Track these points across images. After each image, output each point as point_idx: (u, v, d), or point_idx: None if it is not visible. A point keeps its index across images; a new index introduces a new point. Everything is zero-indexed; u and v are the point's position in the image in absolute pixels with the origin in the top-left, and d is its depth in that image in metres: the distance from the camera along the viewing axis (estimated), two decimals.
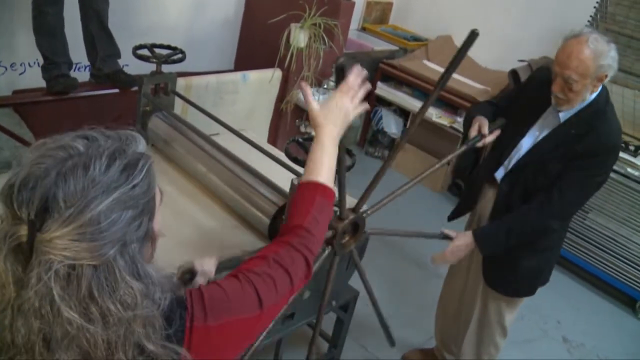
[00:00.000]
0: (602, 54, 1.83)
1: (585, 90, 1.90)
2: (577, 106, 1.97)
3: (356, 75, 1.29)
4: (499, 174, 2.18)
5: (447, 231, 2.15)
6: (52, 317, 0.75)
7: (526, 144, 2.10)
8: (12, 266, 0.76)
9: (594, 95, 1.96)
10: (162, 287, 0.85)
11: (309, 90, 1.30)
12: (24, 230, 0.75)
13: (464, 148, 2.11)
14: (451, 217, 2.50)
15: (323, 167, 1.20)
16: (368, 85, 1.32)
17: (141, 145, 0.87)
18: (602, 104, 1.97)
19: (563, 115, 2.00)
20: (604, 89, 1.98)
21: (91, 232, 0.75)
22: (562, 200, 1.99)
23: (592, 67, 1.84)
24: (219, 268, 1.42)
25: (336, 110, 1.26)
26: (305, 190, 1.18)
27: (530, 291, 2.29)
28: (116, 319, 0.78)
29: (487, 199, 2.27)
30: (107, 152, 0.80)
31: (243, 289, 0.97)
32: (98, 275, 0.77)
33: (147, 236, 0.85)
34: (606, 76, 1.89)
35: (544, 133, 2.06)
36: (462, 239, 2.11)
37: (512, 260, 2.18)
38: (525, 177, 2.07)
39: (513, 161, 2.13)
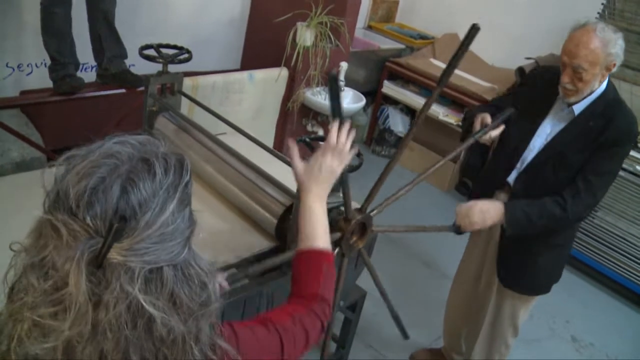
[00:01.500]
0: (610, 42, 1.84)
1: (594, 80, 1.91)
2: (589, 98, 1.97)
3: (338, 132, 1.28)
4: (512, 178, 2.16)
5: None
6: (133, 327, 0.75)
7: (538, 142, 2.09)
8: (90, 284, 0.73)
9: (603, 86, 1.96)
10: (214, 277, 0.87)
11: (295, 151, 1.30)
12: (98, 244, 0.73)
13: (470, 141, 2.07)
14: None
15: (318, 231, 1.24)
16: (353, 134, 1.31)
17: (166, 146, 0.88)
18: (614, 94, 1.98)
19: (577, 108, 1.99)
20: (610, 80, 1.98)
21: (169, 232, 0.77)
22: (590, 191, 1.97)
23: (601, 55, 1.84)
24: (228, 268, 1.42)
25: (320, 172, 1.27)
26: (310, 259, 1.22)
27: (547, 288, 2.28)
28: (196, 316, 0.80)
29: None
30: (160, 154, 0.81)
31: (270, 336, 1.05)
32: (178, 274, 0.79)
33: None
34: (614, 65, 1.89)
35: (558, 128, 2.05)
36: (493, 203, 2.03)
37: (529, 259, 2.18)
38: (544, 174, 2.05)
39: (526, 162, 2.11)
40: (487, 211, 2.01)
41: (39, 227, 0.76)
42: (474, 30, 1.40)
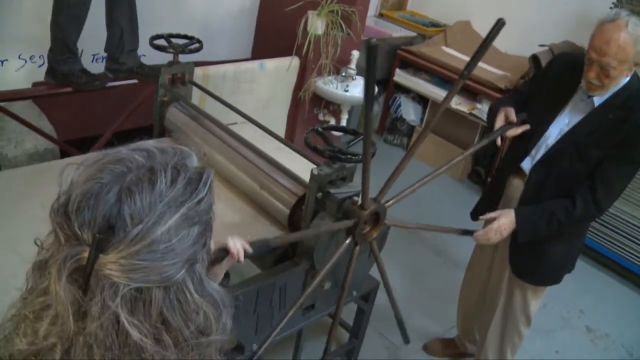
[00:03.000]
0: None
1: (621, 76, 1.87)
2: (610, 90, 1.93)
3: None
4: (526, 164, 2.13)
5: (487, 216, 2.09)
6: (120, 346, 0.70)
7: (554, 131, 2.06)
8: (71, 295, 0.69)
9: (627, 78, 1.92)
10: (229, 310, 0.81)
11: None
12: (85, 253, 0.69)
13: (484, 142, 2.06)
14: (475, 217, 2.46)
15: None
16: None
17: (195, 160, 0.81)
18: (636, 86, 1.93)
19: (597, 100, 1.95)
20: (634, 72, 1.94)
21: (162, 250, 0.70)
22: (607, 190, 1.95)
23: (631, 52, 1.80)
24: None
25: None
26: None
27: (556, 279, 2.26)
28: (192, 345, 0.74)
29: (512, 190, 2.23)
30: (170, 165, 0.74)
31: None
32: (169, 297, 0.72)
33: (209, 254, 0.81)
34: None
35: (577, 119, 2.01)
36: (506, 217, 2.04)
37: (540, 249, 2.15)
38: (560, 164, 2.03)
39: (542, 150, 2.08)
40: (503, 229, 2.05)
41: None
42: (499, 24, 1.38)
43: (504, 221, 2.04)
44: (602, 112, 1.95)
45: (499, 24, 1.37)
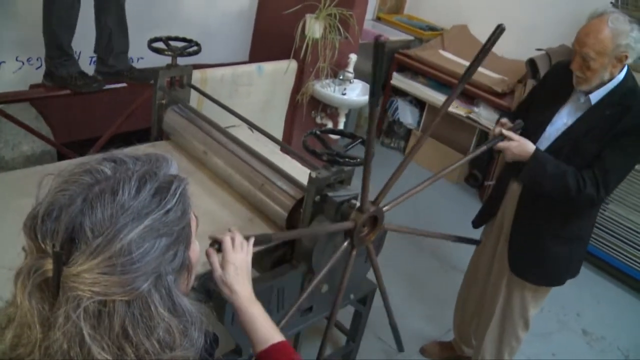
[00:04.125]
0: (621, 33, 1.84)
1: (603, 70, 1.91)
2: (606, 87, 1.97)
3: (232, 239, 1.32)
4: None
5: (506, 132, 2.04)
6: (83, 359, 0.69)
7: (553, 131, 2.09)
8: (37, 304, 0.69)
9: (622, 75, 1.96)
10: (199, 324, 0.79)
11: (215, 258, 1.30)
12: (49, 265, 0.68)
13: (483, 148, 2.08)
14: (477, 224, 2.47)
15: (269, 330, 1.21)
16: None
17: (173, 168, 0.80)
18: (632, 83, 1.97)
19: (594, 97, 1.99)
20: (629, 70, 1.98)
21: (122, 263, 0.68)
22: (606, 184, 1.96)
23: (609, 46, 1.85)
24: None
25: (237, 273, 1.28)
26: (279, 352, 1.18)
27: (559, 280, 2.28)
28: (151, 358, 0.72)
29: (512, 194, 2.25)
30: (136, 175, 0.73)
31: None
32: (132, 311, 0.70)
33: (184, 266, 0.79)
34: (626, 57, 1.89)
35: (575, 116, 2.05)
36: (525, 147, 2.01)
37: (540, 246, 2.18)
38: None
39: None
40: (517, 151, 2.02)
41: None
42: (499, 30, 1.39)
43: (517, 148, 2.02)
44: (598, 109, 1.99)
45: (499, 30, 1.37)
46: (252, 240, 1.38)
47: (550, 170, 1.99)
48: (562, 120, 2.08)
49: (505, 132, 2.03)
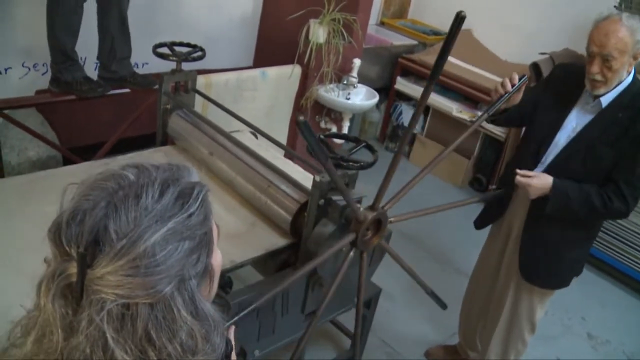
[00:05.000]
0: (637, 30, 1.87)
1: (622, 69, 1.93)
2: (616, 90, 1.98)
3: None
4: (536, 170, 2.14)
5: (521, 172, 2.03)
6: None
7: (564, 136, 2.09)
8: (60, 309, 0.69)
9: (630, 78, 1.97)
10: (221, 330, 0.78)
11: None
12: (73, 268, 0.68)
13: (484, 116, 2.06)
14: (480, 225, 2.47)
15: None
16: None
17: (194, 176, 0.80)
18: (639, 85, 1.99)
19: (605, 100, 2.00)
20: (635, 71, 1.99)
21: (146, 265, 0.68)
22: (634, 195, 1.98)
23: (630, 43, 1.87)
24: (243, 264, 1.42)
25: None
26: None
27: (567, 282, 2.29)
28: None
29: (519, 201, 2.25)
30: (159, 180, 0.74)
31: None
32: (155, 314, 0.70)
33: (206, 272, 0.78)
34: None
35: (585, 121, 2.05)
36: (543, 180, 2.01)
37: (556, 254, 2.19)
38: (571, 167, 2.05)
39: (551, 155, 2.11)
40: (536, 188, 2.02)
41: None
42: (459, 19, 1.39)
43: (538, 183, 2.01)
44: (611, 112, 1.99)
45: (459, 18, 1.37)
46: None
47: (573, 196, 2.00)
48: (571, 124, 2.08)
49: (520, 172, 2.03)
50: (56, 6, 2.59)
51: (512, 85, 2.07)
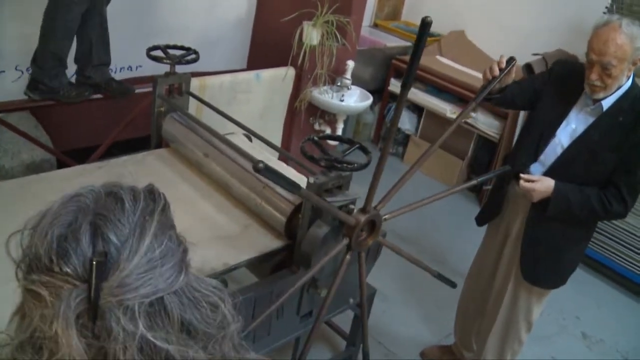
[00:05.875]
0: (637, 37, 1.88)
1: (621, 75, 1.94)
2: (617, 93, 1.99)
3: None
4: (535, 170, 2.16)
5: (525, 177, 2.06)
6: None
7: (564, 137, 2.10)
8: (83, 341, 0.65)
9: (629, 82, 1.99)
10: (228, 300, 0.80)
11: None
12: (84, 292, 0.65)
13: (480, 97, 2.05)
14: (481, 223, 2.47)
15: None
16: None
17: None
18: (639, 89, 2.01)
19: (606, 103, 2.00)
20: (634, 75, 2.01)
21: (158, 257, 0.69)
22: (632, 196, 2.01)
23: (629, 50, 1.88)
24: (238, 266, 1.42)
25: None
26: None
27: (564, 281, 2.31)
28: (216, 340, 0.74)
29: (514, 195, 2.26)
30: (124, 186, 0.75)
31: None
32: (181, 301, 0.71)
33: (186, 250, 0.79)
34: None
35: (585, 123, 2.06)
36: (546, 184, 2.04)
37: (557, 255, 2.20)
38: (574, 170, 2.06)
39: (552, 157, 2.12)
40: (539, 192, 2.05)
41: (20, 306, 0.70)
42: (425, 24, 1.42)
43: (541, 187, 2.04)
44: (612, 115, 2.00)
45: (425, 23, 1.39)
46: None
47: (574, 199, 2.02)
48: (571, 126, 2.09)
49: (523, 176, 2.06)
50: (62, 13, 2.57)
51: (501, 70, 2.06)
